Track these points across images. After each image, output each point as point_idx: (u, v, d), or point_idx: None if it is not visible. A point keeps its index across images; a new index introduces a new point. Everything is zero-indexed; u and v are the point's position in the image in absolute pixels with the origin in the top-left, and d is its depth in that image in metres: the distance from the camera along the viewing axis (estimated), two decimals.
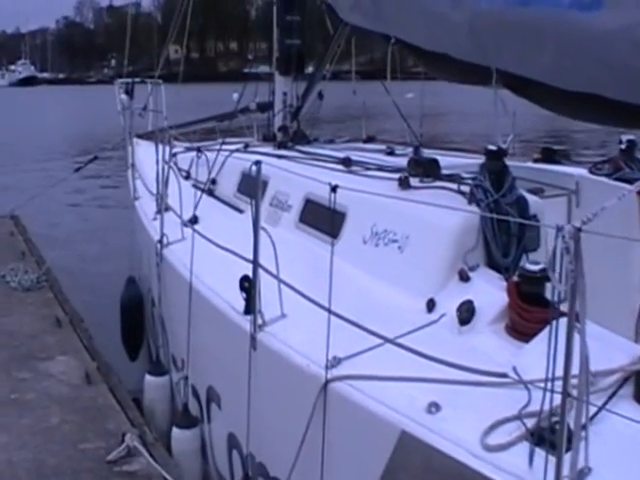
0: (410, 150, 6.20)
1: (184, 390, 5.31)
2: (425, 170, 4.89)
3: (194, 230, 5.07)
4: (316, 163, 5.98)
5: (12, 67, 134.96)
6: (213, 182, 7.06)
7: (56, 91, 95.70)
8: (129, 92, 11.49)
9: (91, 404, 5.85)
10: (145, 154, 9.56)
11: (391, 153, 6.41)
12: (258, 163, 4.13)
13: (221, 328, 4.59)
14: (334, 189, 3.77)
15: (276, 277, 4.08)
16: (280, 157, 6.46)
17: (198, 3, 7.15)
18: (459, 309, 3.78)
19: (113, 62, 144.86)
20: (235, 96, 10.06)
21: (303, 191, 5.54)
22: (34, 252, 10.44)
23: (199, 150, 6.21)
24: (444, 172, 4.89)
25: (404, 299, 4.12)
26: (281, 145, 7.09)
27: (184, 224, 5.85)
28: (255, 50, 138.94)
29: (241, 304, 4.32)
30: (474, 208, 4.24)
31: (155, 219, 6.62)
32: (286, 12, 7.59)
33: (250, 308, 4.20)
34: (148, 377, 6.00)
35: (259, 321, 4.09)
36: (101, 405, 5.84)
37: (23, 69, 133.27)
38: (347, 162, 5.62)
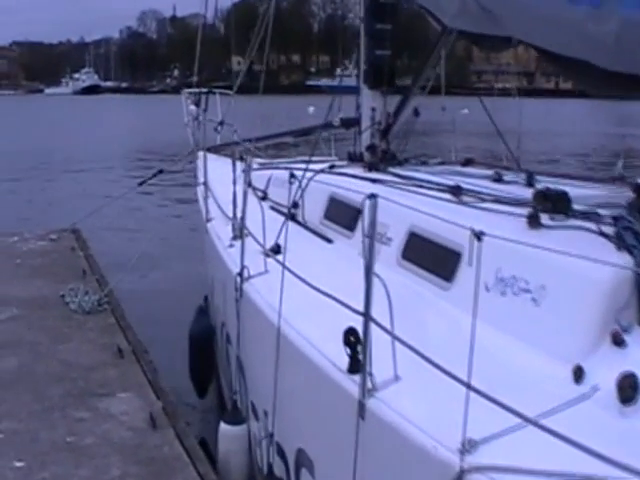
0: (522, 177, 5.47)
1: (268, 448, 4.61)
2: (555, 205, 4.16)
3: (284, 266, 4.36)
4: (417, 190, 5.27)
5: (76, 76, 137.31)
6: (295, 206, 6.40)
7: (119, 100, 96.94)
8: (198, 103, 10.99)
9: (156, 453, 5.19)
10: (216, 170, 8.98)
11: (499, 180, 5.67)
12: (373, 197, 3.42)
13: (317, 385, 3.88)
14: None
15: (389, 332, 3.36)
16: (374, 181, 5.77)
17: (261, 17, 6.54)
18: (620, 384, 3.03)
19: (176, 72, 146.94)
20: (311, 110, 9.44)
21: (406, 223, 4.84)
22: (95, 270, 9.91)
23: (292, 175, 5.56)
24: (576, 207, 4.16)
25: (543, 363, 3.38)
26: (372, 167, 6.39)
27: (266, 254, 5.17)
28: (318, 63, 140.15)
29: (343, 359, 3.62)
30: (625, 255, 3.51)
31: (232, 246, 5.96)
32: (376, 20, 6.89)
33: (356, 367, 3.50)
34: (224, 426, 5.29)
35: (368, 384, 3.37)
36: (167, 455, 5.18)
37: (87, 78, 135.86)
38: (457, 191, 4.90)
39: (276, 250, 5.32)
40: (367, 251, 3.40)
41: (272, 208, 6.69)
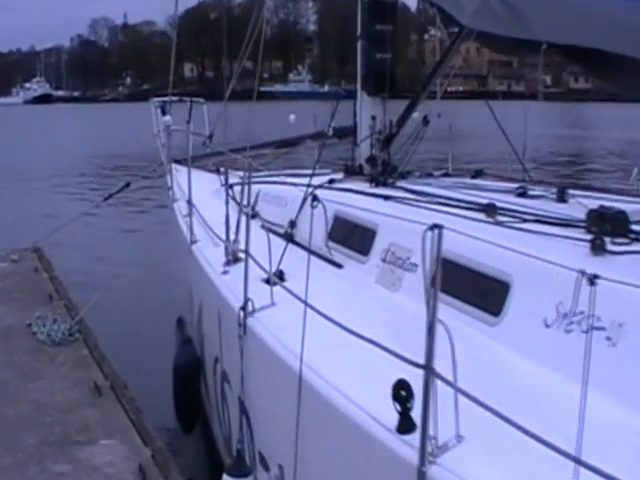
0: (552, 191, 4.96)
1: None
2: (614, 227, 3.65)
3: (306, 304, 3.75)
4: (439, 208, 4.73)
5: (27, 85, 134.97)
6: (292, 225, 5.82)
7: (71, 109, 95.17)
8: (165, 111, 10.37)
9: None
10: (194, 184, 8.36)
11: (523, 194, 5.15)
12: (438, 228, 2.84)
13: (354, 445, 3.28)
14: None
15: (453, 386, 2.80)
16: (386, 198, 5.21)
17: (213, 23, 5.99)
18: None
19: (128, 80, 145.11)
20: (292, 118, 8.87)
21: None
22: (62, 294, 9.18)
23: (315, 195, 4.99)
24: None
25: (627, 417, 2.86)
26: (377, 181, 5.84)
27: (272, 282, 4.57)
28: (271, 69, 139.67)
29: (388, 415, 3.04)
30: None
31: (226, 272, 5.34)
32: (376, 21, 6.34)
33: (408, 427, 2.92)
34: (228, 478, 4.65)
35: (429, 448, 2.79)
36: None
37: (38, 87, 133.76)
38: (490, 210, 4.36)
39: (279, 277, 4.73)
40: (431, 296, 2.81)
41: (263, 227, 6.09)
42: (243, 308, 4.48)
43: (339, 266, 5.09)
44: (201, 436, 6.67)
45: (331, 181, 6.06)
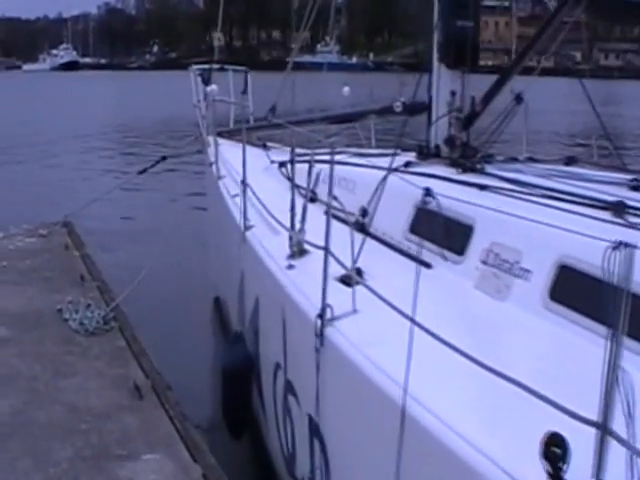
0: None
1: None
2: None
3: (413, 321, 2.98)
4: (550, 203, 3.96)
5: (54, 52, 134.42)
6: (364, 213, 5.06)
7: (98, 76, 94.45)
8: (206, 80, 9.62)
9: None
10: (235, 159, 7.61)
11: (638, 188, 4.36)
12: (626, 247, 2.08)
13: None
14: None
15: (628, 445, 2.05)
16: (482, 187, 4.43)
17: None
18: None
19: (155, 48, 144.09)
20: (346, 90, 8.07)
21: (552, 251, 3.52)
22: (95, 275, 8.49)
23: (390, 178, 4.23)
24: None
25: None
26: (465, 166, 5.05)
27: (352, 282, 3.81)
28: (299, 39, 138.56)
29: (524, 471, 2.31)
30: None
31: (291, 267, 4.59)
32: None
33: None
34: None
35: None
36: None
37: (65, 54, 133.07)
38: (620, 208, 3.58)
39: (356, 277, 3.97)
40: (613, 342, 2.05)
41: (329, 214, 5.34)
42: (321, 316, 3.73)
43: (427, 265, 4.32)
44: (250, 446, 5.96)
45: (407, 164, 5.27)
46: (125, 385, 5.68)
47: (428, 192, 4.68)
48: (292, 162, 4.99)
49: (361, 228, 5.03)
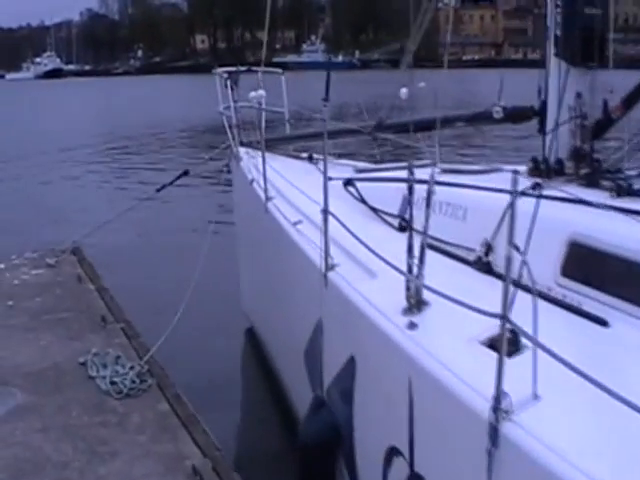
0: None
1: None
2: None
3: None
4: None
5: (38, 60, 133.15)
6: (488, 250, 3.95)
7: (83, 83, 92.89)
8: (229, 85, 8.53)
9: None
10: (284, 174, 6.53)
11: None
12: None
13: None
14: None
15: None
16: None
17: None
18: None
19: (139, 52, 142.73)
20: (404, 92, 6.97)
21: None
22: (116, 313, 7.31)
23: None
24: None
25: None
26: (621, 188, 3.92)
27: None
28: (283, 39, 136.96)
29: None
30: None
31: (413, 326, 3.43)
32: None
33: None
34: None
35: None
36: None
37: (49, 61, 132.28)
38: None
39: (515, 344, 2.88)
40: None
41: (436, 249, 4.23)
42: (495, 409, 2.62)
43: (602, 323, 3.21)
44: None
45: (536, 186, 4.13)
46: (180, 468, 4.54)
47: (582, 223, 3.59)
48: (410, 186, 3.81)
49: (487, 269, 3.93)
